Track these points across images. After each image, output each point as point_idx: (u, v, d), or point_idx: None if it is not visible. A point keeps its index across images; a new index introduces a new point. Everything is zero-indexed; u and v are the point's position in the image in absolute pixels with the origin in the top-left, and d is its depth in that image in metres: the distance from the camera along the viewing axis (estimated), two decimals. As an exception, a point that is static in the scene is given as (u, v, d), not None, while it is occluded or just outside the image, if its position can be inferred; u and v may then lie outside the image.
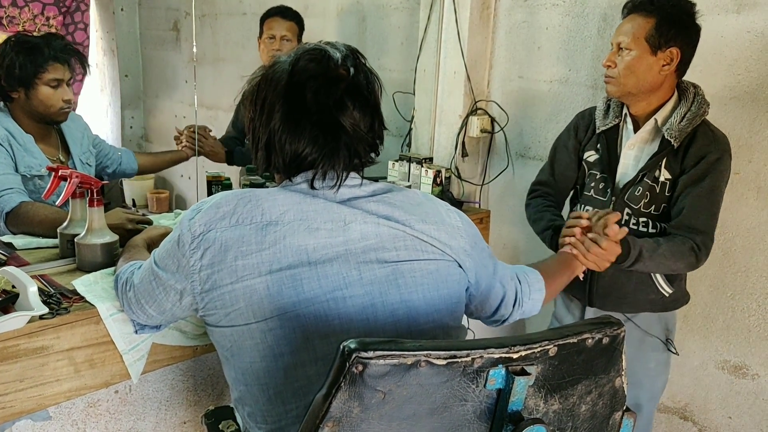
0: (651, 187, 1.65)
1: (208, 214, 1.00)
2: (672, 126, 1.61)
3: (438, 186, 2.28)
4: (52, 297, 1.27)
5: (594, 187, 1.76)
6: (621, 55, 1.61)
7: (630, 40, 1.58)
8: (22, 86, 1.85)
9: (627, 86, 1.62)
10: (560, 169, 1.86)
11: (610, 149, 1.73)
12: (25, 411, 1.21)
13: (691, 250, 1.59)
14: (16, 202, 1.72)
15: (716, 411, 2.05)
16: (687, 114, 1.61)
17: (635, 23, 1.59)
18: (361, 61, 1.06)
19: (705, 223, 1.61)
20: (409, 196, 1.09)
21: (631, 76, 1.61)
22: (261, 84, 1.06)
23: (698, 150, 1.60)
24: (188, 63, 4.34)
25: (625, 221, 1.68)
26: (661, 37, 1.56)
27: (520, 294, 1.26)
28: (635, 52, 1.58)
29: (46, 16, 4.00)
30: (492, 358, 0.77)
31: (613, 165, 1.72)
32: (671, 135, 1.61)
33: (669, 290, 1.72)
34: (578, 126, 1.84)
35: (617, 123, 1.73)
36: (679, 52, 1.58)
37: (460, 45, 2.38)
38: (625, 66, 1.60)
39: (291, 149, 1.02)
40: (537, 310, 1.31)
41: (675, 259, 1.59)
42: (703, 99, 1.65)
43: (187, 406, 1.61)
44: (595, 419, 0.88)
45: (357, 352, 0.71)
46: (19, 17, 3.92)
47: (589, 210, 1.70)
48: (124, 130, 4.85)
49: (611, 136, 1.74)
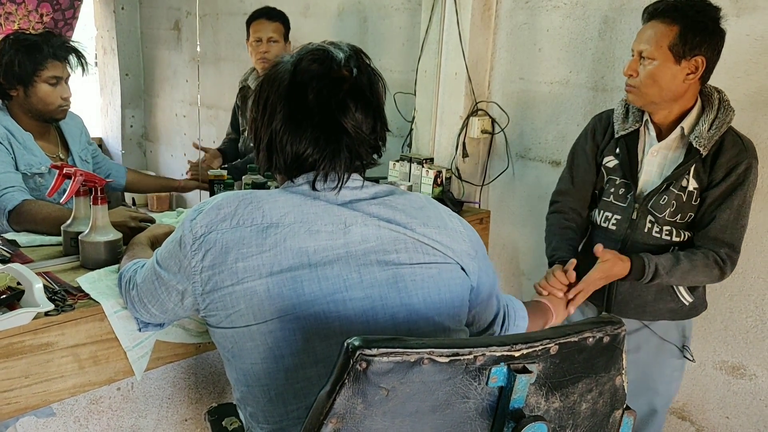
0: (678, 196, 1.61)
1: (209, 216, 1.01)
2: (701, 134, 1.56)
3: (438, 186, 2.29)
4: (56, 294, 1.28)
5: (614, 193, 1.72)
6: (643, 64, 1.55)
7: (653, 49, 1.52)
8: (21, 84, 1.86)
9: (649, 96, 1.58)
10: (580, 176, 1.80)
11: (630, 154, 1.68)
12: (30, 407, 1.22)
13: (715, 263, 1.58)
14: (19, 200, 1.73)
15: (714, 411, 2.07)
16: (715, 121, 1.57)
17: (657, 30, 1.52)
18: (365, 62, 1.05)
19: (732, 235, 1.59)
20: (411, 199, 1.09)
21: (654, 85, 1.55)
22: (263, 84, 1.06)
23: (728, 160, 1.56)
24: (189, 62, 4.35)
25: (648, 229, 1.66)
26: (685, 46, 1.50)
27: (508, 318, 1.27)
28: (658, 62, 1.52)
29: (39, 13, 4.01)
30: (494, 356, 0.78)
31: (634, 171, 1.68)
32: (700, 144, 1.56)
33: (690, 299, 1.70)
34: (596, 129, 1.78)
35: (637, 128, 1.68)
36: (704, 60, 1.52)
37: (461, 46, 2.39)
38: (647, 75, 1.54)
39: (292, 150, 1.02)
40: None
41: (697, 273, 1.58)
42: (728, 105, 1.60)
43: (188, 404, 1.61)
44: (596, 417, 0.89)
45: (361, 350, 0.72)
46: (16, 13, 3.93)
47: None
48: (124, 129, 4.85)
49: (631, 141, 1.69)
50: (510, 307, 1.29)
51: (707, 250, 1.59)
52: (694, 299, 1.71)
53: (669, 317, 1.73)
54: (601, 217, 1.76)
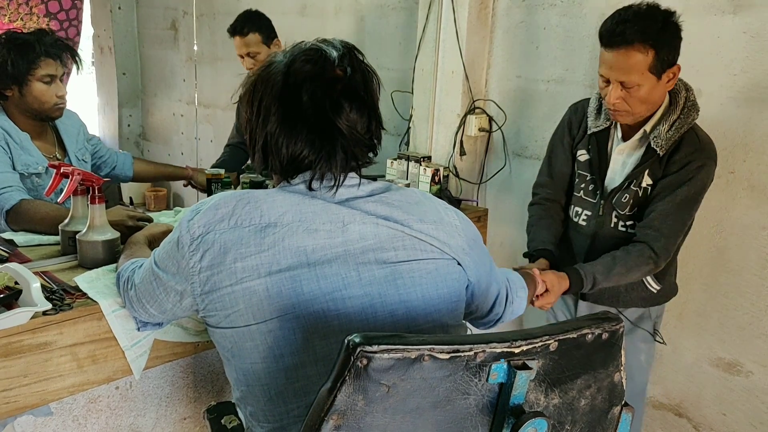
0: (635, 192, 1.67)
1: (207, 216, 1.00)
2: (659, 135, 1.59)
3: (436, 184, 2.30)
4: (54, 293, 1.28)
5: (584, 189, 1.78)
6: (629, 92, 1.54)
7: (636, 77, 1.50)
8: (15, 84, 1.85)
9: (642, 113, 1.60)
10: (558, 167, 1.85)
11: (600, 151, 1.73)
12: (29, 406, 1.21)
13: (648, 259, 1.63)
14: (16, 200, 1.72)
15: (710, 408, 2.07)
16: (676, 122, 1.59)
17: (635, 60, 1.49)
18: (359, 59, 1.04)
19: (670, 228, 1.61)
20: (407, 194, 1.09)
21: (644, 104, 1.57)
22: (257, 85, 1.05)
23: (682, 157, 1.59)
24: (186, 62, 4.34)
25: (614, 224, 1.72)
26: (663, 64, 1.51)
27: (510, 292, 1.28)
28: (645, 86, 1.52)
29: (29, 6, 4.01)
30: (494, 353, 0.78)
31: (602, 168, 1.73)
32: (658, 144, 1.60)
33: (657, 287, 1.77)
34: (572, 122, 1.83)
35: (608, 126, 1.72)
36: (678, 67, 1.55)
37: (459, 44, 2.39)
38: (638, 100, 1.55)
39: (288, 152, 1.02)
40: (522, 310, 1.33)
41: (632, 273, 1.65)
42: (693, 104, 1.62)
43: (187, 403, 1.61)
44: (594, 413, 0.90)
45: (362, 346, 0.72)
46: (8, 8, 3.93)
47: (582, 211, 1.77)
48: (121, 129, 4.85)
49: (602, 139, 1.73)
50: (510, 280, 1.31)
51: (642, 246, 1.63)
52: (663, 286, 1.77)
53: (641, 304, 1.79)
54: (573, 212, 1.82)
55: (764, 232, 1.89)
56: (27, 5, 4.00)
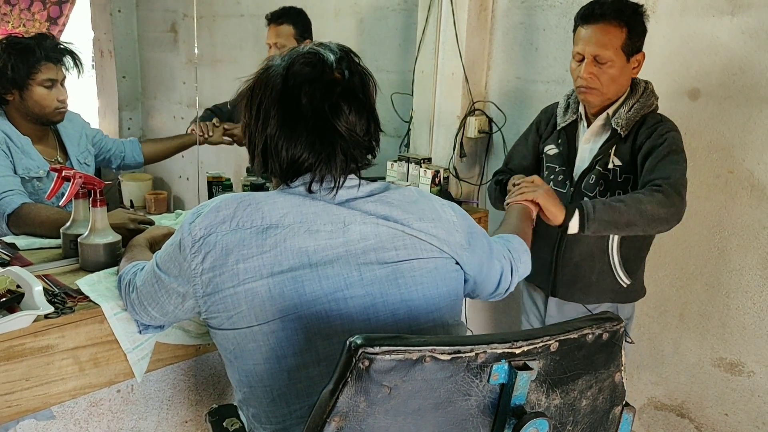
0: (603, 174, 1.71)
1: (208, 218, 1.01)
2: (620, 116, 1.67)
3: (437, 186, 2.30)
4: (56, 296, 1.28)
5: (554, 180, 1.83)
6: (601, 68, 1.62)
7: (610, 52, 1.60)
8: (16, 88, 1.86)
9: (609, 95, 1.68)
10: (517, 160, 1.94)
11: (569, 144, 1.80)
12: (31, 410, 1.22)
13: (653, 192, 1.53)
14: (18, 204, 1.73)
15: (712, 408, 2.07)
16: (635, 105, 1.67)
17: (611, 35, 1.59)
18: (356, 62, 1.05)
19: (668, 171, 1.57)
20: (405, 194, 1.10)
21: (614, 85, 1.65)
22: (255, 88, 1.05)
23: (647, 129, 1.66)
24: (186, 64, 4.34)
25: None
26: (633, 45, 1.61)
27: (514, 262, 1.28)
28: (617, 64, 1.61)
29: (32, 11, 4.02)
30: (495, 353, 0.78)
31: (572, 159, 1.79)
32: (618, 124, 1.67)
33: (627, 281, 1.79)
34: (540, 121, 1.92)
35: (575, 119, 1.79)
36: (643, 55, 1.66)
37: (458, 46, 2.40)
38: (609, 78, 1.63)
39: (288, 155, 1.02)
40: (528, 270, 1.34)
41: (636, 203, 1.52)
42: (651, 92, 1.71)
43: (188, 405, 1.61)
44: (596, 414, 0.90)
45: (363, 348, 0.72)
46: (11, 14, 3.94)
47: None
48: (122, 132, 4.85)
49: (570, 132, 1.81)
50: (511, 250, 1.30)
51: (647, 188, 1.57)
52: (632, 281, 1.79)
53: (611, 299, 1.81)
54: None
55: (765, 232, 1.89)
56: (29, 11, 4.00)
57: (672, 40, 2.00)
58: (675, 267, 2.09)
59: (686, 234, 2.04)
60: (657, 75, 2.01)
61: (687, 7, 1.96)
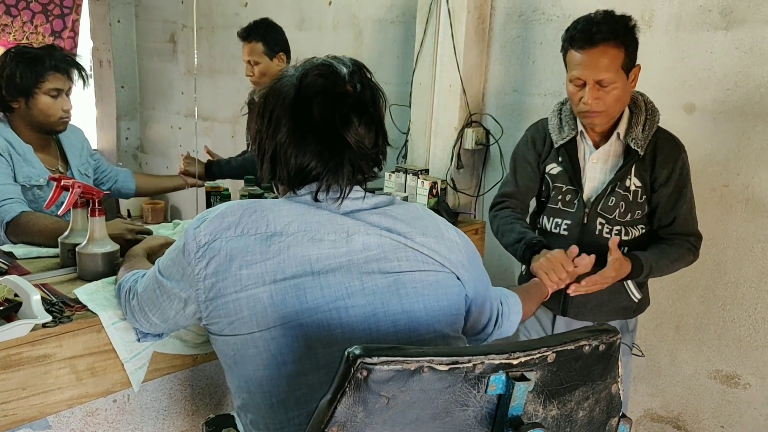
0: (624, 196, 1.69)
1: (213, 224, 1.02)
2: (636, 136, 1.66)
3: (434, 197, 2.31)
4: (54, 305, 1.28)
5: (561, 200, 1.78)
6: (605, 90, 1.59)
7: (612, 75, 1.56)
8: (22, 96, 1.87)
9: (614, 114, 1.66)
10: (524, 182, 1.86)
11: (572, 162, 1.75)
12: (27, 419, 1.21)
13: (689, 251, 1.71)
14: (17, 212, 1.73)
15: (709, 420, 2.07)
16: (646, 123, 1.67)
17: (610, 56, 1.56)
18: (368, 77, 1.07)
19: (694, 224, 1.73)
20: (409, 209, 1.11)
21: (619, 104, 1.63)
22: (268, 97, 1.07)
23: (666, 157, 1.66)
24: (185, 75, 4.36)
25: (599, 231, 1.73)
26: (630, 62, 1.59)
27: (501, 316, 1.29)
28: (619, 84, 1.58)
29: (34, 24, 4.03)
30: (493, 364, 0.79)
31: (578, 177, 1.75)
32: (637, 145, 1.65)
33: (639, 296, 1.79)
34: (535, 139, 1.84)
35: (574, 136, 1.75)
36: (639, 67, 1.63)
37: (456, 59, 2.42)
38: (614, 99, 1.60)
39: (296, 163, 1.04)
40: (512, 332, 1.35)
41: (678, 262, 1.71)
42: (653, 106, 1.70)
43: (185, 416, 1.61)
44: (592, 425, 0.90)
45: (362, 358, 0.73)
46: (12, 25, 3.96)
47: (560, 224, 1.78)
48: (119, 141, 4.86)
49: (570, 149, 1.75)
50: (504, 304, 1.31)
51: (681, 241, 1.70)
52: (642, 296, 1.80)
53: (622, 316, 1.81)
54: (551, 223, 1.81)
55: (760, 245, 1.90)
56: (32, 23, 4.02)
57: (667, 55, 2.02)
58: (671, 279, 2.10)
59: (682, 246, 2.05)
60: (653, 89, 2.03)
61: (682, 23, 1.98)
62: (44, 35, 4.07)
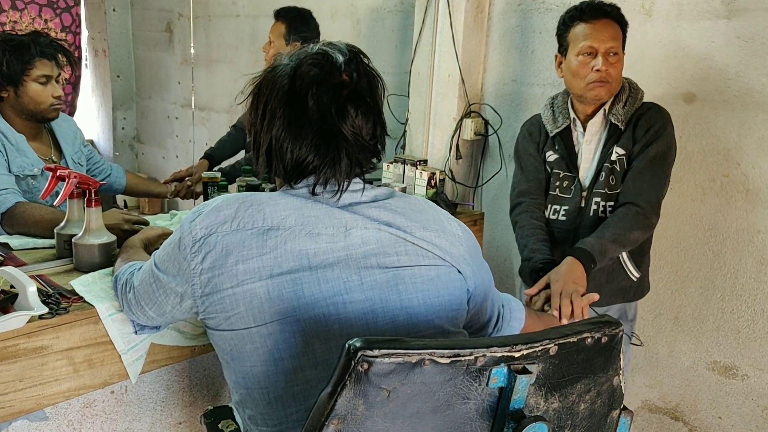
0: (611, 169, 1.73)
1: (209, 218, 1.00)
2: (617, 111, 1.73)
3: (432, 188, 2.30)
4: (51, 297, 1.27)
5: (559, 186, 1.83)
6: (610, 61, 1.68)
7: (617, 45, 1.68)
8: (11, 84, 1.86)
9: (615, 91, 1.74)
10: (533, 174, 1.87)
11: (568, 148, 1.81)
12: (24, 411, 1.20)
13: (637, 214, 1.66)
14: (12, 203, 1.71)
15: (706, 411, 2.08)
16: (628, 99, 1.74)
17: (614, 29, 1.68)
18: (364, 64, 1.04)
19: (649, 183, 1.69)
20: (410, 202, 1.09)
21: (619, 80, 1.73)
22: (262, 88, 1.04)
23: (647, 121, 1.71)
24: (181, 64, 4.33)
25: (594, 211, 1.75)
26: (624, 39, 1.71)
27: (501, 319, 1.27)
28: (622, 58, 1.70)
29: (43, 18, 3.99)
30: (494, 357, 0.78)
31: (574, 162, 1.80)
32: (617, 119, 1.72)
33: (637, 274, 1.80)
34: (531, 131, 1.90)
35: (568, 124, 1.81)
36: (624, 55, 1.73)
37: (455, 48, 2.40)
38: (618, 72, 1.70)
39: (292, 156, 1.01)
40: None
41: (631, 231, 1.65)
42: (636, 86, 1.77)
43: (182, 407, 1.60)
44: (594, 417, 0.90)
45: (362, 351, 0.72)
46: (21, 21, 3.92)
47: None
48: (116, 131, 4.83)
49: (566, 137, 1.82)
50: (506, 308, 1.29)
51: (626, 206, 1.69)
52: (641, 274, 1.81)
53: (621, 299, 1.83)
54: (550, 210, 1.85)
55: (759, 235, 1.90)
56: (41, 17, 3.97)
57: (668, 44, 2.01)
58: (670, 270, 2.10)
59: (681, 237, 2.05)
60: (653, 78, 2.02)
61: (683, 11, 1.97)
62: (56, 31, 4.03)
